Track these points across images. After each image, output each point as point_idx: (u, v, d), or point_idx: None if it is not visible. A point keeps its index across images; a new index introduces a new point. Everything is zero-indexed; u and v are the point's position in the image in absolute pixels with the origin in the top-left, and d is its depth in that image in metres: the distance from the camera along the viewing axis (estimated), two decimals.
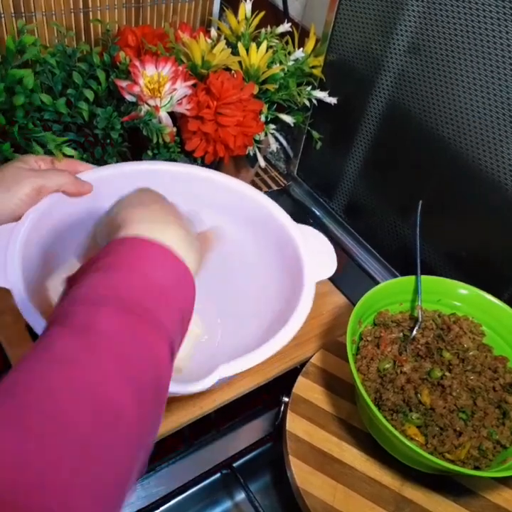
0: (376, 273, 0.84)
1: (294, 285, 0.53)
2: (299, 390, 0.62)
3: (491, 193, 0.64)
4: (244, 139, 0.70)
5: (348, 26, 0.74)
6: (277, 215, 0.60)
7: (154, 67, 0.65)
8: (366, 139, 0.79)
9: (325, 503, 0.53)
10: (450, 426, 0.55)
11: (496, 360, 0.61)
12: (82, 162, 0.59)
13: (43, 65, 0.63)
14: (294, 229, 0.58)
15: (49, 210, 0.52)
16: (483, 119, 0.62)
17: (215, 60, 0.70)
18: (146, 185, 0.45)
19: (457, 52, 0.62)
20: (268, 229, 0.60)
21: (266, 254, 0.61)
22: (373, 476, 0.56)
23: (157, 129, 0.64)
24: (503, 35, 0.57)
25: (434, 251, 0.74)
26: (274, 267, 0.60)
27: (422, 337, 0.62)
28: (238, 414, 0.64)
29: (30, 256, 0.50)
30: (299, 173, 0.96)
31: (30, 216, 0.51)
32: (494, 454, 0.54)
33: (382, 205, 0.80)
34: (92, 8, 0.78)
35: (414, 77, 0.68)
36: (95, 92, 0.65)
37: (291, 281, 0.55)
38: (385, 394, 0.56)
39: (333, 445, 0.58)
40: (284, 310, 0.52)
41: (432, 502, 0.55)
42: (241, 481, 0.58)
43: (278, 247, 0.59)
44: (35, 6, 0.73)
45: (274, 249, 0.60)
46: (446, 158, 0.68)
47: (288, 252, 0.57)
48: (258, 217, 0.61)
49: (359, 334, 0.62)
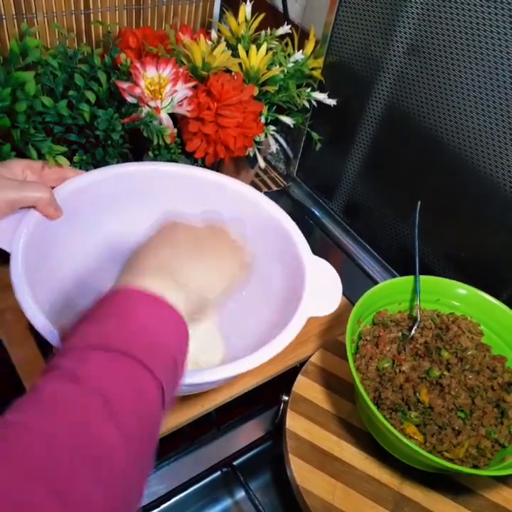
0: (375, 273, 0.84)
1: (286, 317, 0.52)
2: (299, 388, 0.62)
3: (489, 193, 0.64)
4: (244, 140, 0.70)
5: (348, 28, 0.75)
6: (296, 241, 0.59)
7: (155, 69, 0.65)
8: (365, 140, 0.79)
9: (324, 502, 0.54)
10: (449, 425, 0.55)
11: (495, 360, 0.61)
12: (73, 168, 0.59)
13: (44, 67, 0.64)
14: (308, 259, 0.57)
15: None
16: (482, 120, 0.62)
17: (215, 62, 0.70)
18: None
19: (456, 54, 0.62)
20: (285, 253, 0.59)
21: (274, 273, 0.61)
22: (373, 475, 0.57)
23: (158, 130, 0.64)
24: (501, 37, 0.57)
25: (432, 251, 0.74)
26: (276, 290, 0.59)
27: (420, 336, 0.62)
28: (238, 412, 0.64)
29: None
30: (299, 174, 0.96)
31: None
32: (493, 452, 0.55)
33: (382, 206, 0.81)
34: (93, 9, 0.79)
35: (414, 78, 0.68)
36: (96, 94, 0.65)
37: (285, 311, 0.54)
38: (384, 393, 0.57)
39: (333, 444, 0.58)
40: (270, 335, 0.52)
41: (431, 500, 0.55)
42: (241, 479, 0.58)
43: (288, 273, 0.59)
44: (36, 8, 0.74)
45: (280, 267, 0.60)
46: (445, 159, 0.68)
47: (294, 278, 0.57)
48: (277, 241, 0.60)
49: (358, 333, 0.62)
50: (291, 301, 0.54)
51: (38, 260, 0.52)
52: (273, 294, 0.60)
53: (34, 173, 0.55)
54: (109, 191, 0.62)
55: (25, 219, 0.52)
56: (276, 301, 0.59)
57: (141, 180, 0.63)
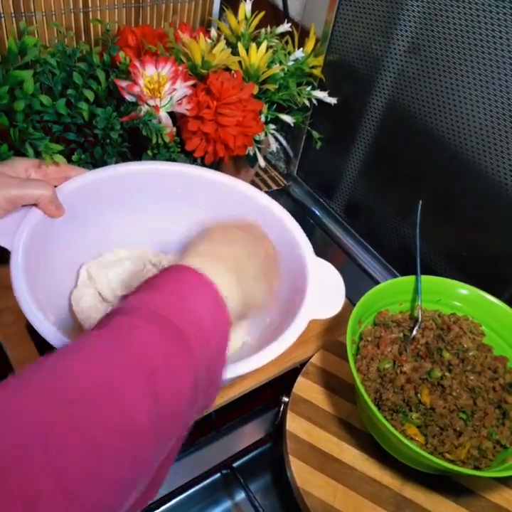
0: (376, 273, 0.84)
1: (287, 319, 0.52)
2: (299, 389, 0.62)
3: (491, 192, 0.64)
4: (244, 139, 0.70)
5: (348, 26, 0.74)
6: (300, 242, 0.58)
7: (154, 67, 0.65)
8: (366, 139, 0.79)
9: (325, 503, 0.53)
10: (450, 426, 0.55)
11: (496, 360, 0.61)
12: (75, 167, 0.59)
13: (43, 66, 0.63)
14: (311, 261, 0.56)
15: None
16: (483, 119, 0.62)
17: (215, 60, 0.70)
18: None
19: (457, 53, 0.62)
20: (289, 255, 0.58)
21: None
22: (373, 476, 0.56)
23: (157, 129, 0.64)
24: (503, 35, 0.57)
25: (434, 251, 0.74)
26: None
27: (422, 337, 0.62)
28: (238, 414, 0.64)
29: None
30: (299, 173, 0.96)
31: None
32: (494, 454, 0.54)
33: (382, 205, 0.80)
34: (91, 8, 0.78)
35: (414, 77, 0.68)
36: (95, 93, 0.64)
37: (287, 311, 0.54)
38: (385, 394, 0.56)
39: (333, 445, 0.58)
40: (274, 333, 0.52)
41: (433, 502, 0.55)
42: (241, 481, 0.58)
43: (291, 274, 0.58)
44: (35, 6, 0.73)
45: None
46: (446, 158, 0.68)
47: (297, 280, 0.56)
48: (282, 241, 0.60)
49: (359, 334, 0.62)
50: (293, 303, 0.53)
51: (39, 259, 0.52)
52: (274, 295, 0.59)
53: (37, 172, 0.55)
54: (111, 190, 0.61)
55: (27, 217, 0.52)
56: (278, 302, 0.58)
57: (143, 180, 0.63)
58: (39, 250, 0.52)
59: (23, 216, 0.52)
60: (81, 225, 0.59)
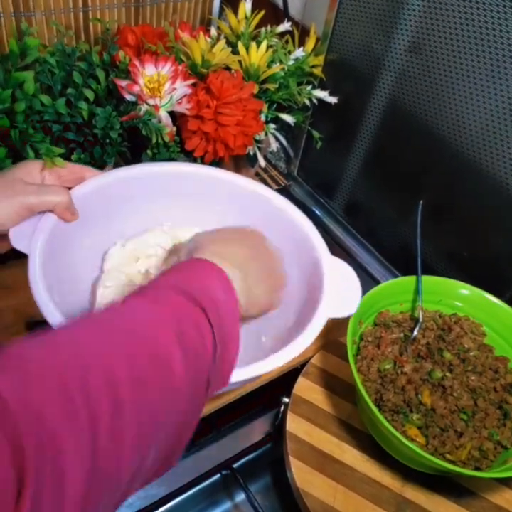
0: (377, 273, 0.83)
1: (304, 318, 0.52)
2: (299, 390, 0.62)
3: (492, 192, 0.63)
4: (244, 138, 0.70)
5: (349, 25, 0.74)
6: (316, 245, 0.58)
7: (154, 67, 0.64)
8: (366, 139, 0.78)
9: (325, 504, 0.53)
10: (451, 427, 0.54)
11: (497, 361, 0.61)
12: (90, 168, 0.58)
13: (42, 65, 0.63)
14: (326, 260, 0.56)
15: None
16: (484, 119, 0.61)
17: (214, 60, 0.70)
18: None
19: (458, 51, 0.62)
20: (303, 255, 0.59)
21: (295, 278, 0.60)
22: (374, 477, 0.56)
23: (157, 128, 0.64)
24: (503, 35, 0.57)
25: (434, 251, 0.73)
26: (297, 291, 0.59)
27: (422, 337, 0.62)
28: (238, 414, 0.64)
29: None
30: (300, 173, 0.95)
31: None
32: (495, 454, 0.54)
33: (383, 205, 0.80)
34: (91, 7, 0.78)
35: (415, 76, 0.68)
36: (95, 92, 0.64)
37: (305, 309, 0.54)
38: (386, 394, 0.56)
39: (334, 446, 0.58)
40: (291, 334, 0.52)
41: (433, 503, 0.55)
42: (241, 482, 0.58)
43: (306, 274, 0.58)
44: (34, 6, 0.73)
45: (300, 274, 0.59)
46: (446, 158, 0.68)
47: (313, 279, 0.56)
48: (297, 242, 0.60)
49: (359, 334, 0.62)
50: (310, 303, 0.53)
51: (55, 262, 0.52)
52: (290, 294, 0.59)
53: (52, 174, 0.55)
54: (125, 192, 0.61)
55: (42, 221, 0.52)
56: (295, 302, 0.58)
57: (156, 181, 0.63)
58: (55, 252, 0.52)
59: (39, 220, 0.52)
60: (95, 226, 0.59)
